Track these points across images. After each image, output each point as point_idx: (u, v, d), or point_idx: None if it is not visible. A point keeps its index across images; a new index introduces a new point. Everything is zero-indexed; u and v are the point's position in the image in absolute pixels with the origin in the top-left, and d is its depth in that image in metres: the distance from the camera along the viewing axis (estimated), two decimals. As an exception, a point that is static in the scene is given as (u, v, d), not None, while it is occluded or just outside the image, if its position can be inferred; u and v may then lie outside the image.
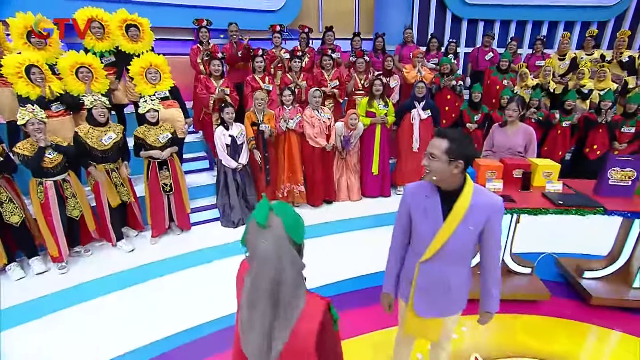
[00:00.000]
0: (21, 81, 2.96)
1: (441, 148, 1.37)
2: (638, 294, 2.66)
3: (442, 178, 1.41)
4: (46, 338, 2.42)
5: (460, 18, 6.81)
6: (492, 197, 1.45)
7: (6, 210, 2.67)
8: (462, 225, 1.42)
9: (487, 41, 5.33)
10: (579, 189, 2.69)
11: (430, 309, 1.60)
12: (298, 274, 0.94)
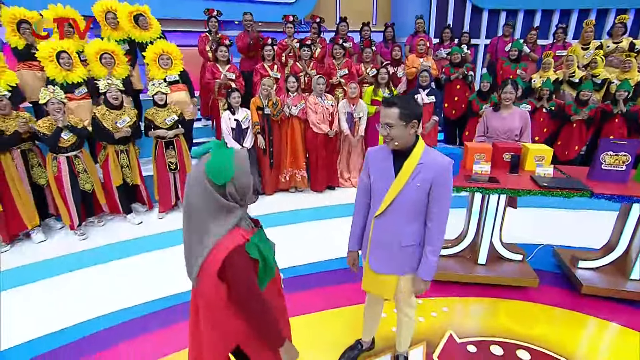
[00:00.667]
0: (52, 65, 3.32)
1: (394, 116, 1.48)
2: (635, 285, 2.59)
3: (403, 141, 1.52)
4: (59, 294, 2.74)
5: (481, 8, 6.67)
6: (440, 157, 1.55)
7: (35, 174, 3.04)
8: (410, 181, 1.53)
9: (507, 30, 5.22)
10: (574, 174, 2.66)
11: (384, 265, 1.70)
12: (213, 206, 1.08)
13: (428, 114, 4.26)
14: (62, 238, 3.26)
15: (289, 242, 3.41)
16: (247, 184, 1.14)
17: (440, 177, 1.52)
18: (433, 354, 2.16)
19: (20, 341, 2.26)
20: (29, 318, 2.47)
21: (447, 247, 2.93)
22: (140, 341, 2.26)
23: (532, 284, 2.68)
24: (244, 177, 1.12)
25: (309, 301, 2.60)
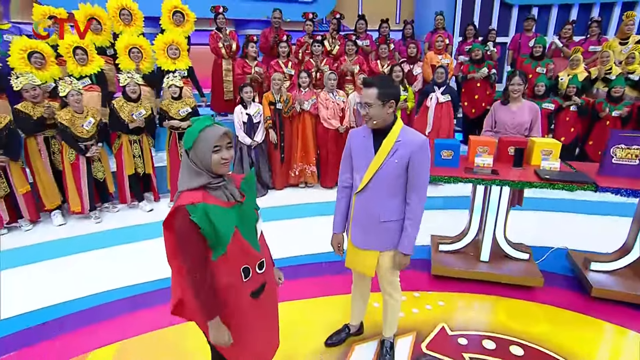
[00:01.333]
0: (69, 60, 3.75)
1: (373, 96, 1.64)
2: None
3: (381, 120, 1.67)
4: (72, 271, 3.08)
5: (510, 5, 6.65)
6: (417, 135, 1.69)
7: (56, 159, 3.44)
8: (389, 158, 1.68)
9: (529, 25, 5.20)
10: (584, 169, 2.66)
11: (364, 241, 1.84)
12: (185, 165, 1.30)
13: (442, 113, 4.30)
14: (78, 221, 3.62)
15: (294, 234, 3.60)
16: (203, 157, 1.27)
17: (417, 154, 1.66)
18: (422, 343, 2.25)
19: (30, 309, 2.58)
20: (43, 290, 2.80)
21: (449, 242, 3.00)
22: (141, 314, 2.51)
23: (536, 284, 2.69)
24: (202, 150, 1.26)
25: (306, 288, 2.77)
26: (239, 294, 1.41)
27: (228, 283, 1.37)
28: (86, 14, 4.23)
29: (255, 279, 1.44)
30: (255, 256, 1.42)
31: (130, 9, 4.42)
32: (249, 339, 1.49)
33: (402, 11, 7.58)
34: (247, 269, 1.40)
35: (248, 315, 1.46)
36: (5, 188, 3.27)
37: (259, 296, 1.46)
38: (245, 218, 1.38)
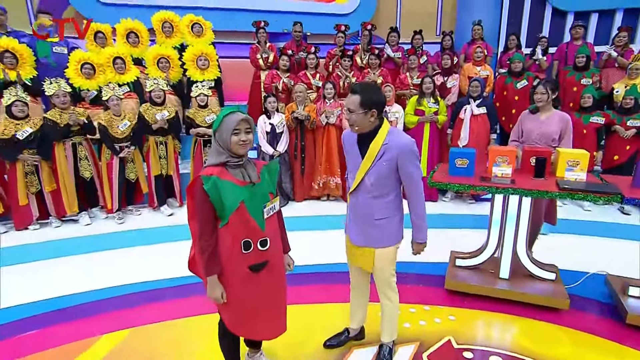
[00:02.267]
0: (108, 69, 4.42)
1: (356, 103, 1.88)
2: None
3: (362, 127, 1.94)
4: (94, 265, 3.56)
5: (564, 11, 6.70)
6: (403, 137, 1.93)
7: (82, 166, 4.02)
8: (377, 160, 1.93)
9: (577, 33, 5.24)
10: (616, 182, 2.72)
11: (360, 238, 2.09)
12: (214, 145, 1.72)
13: (478, 126, 4.45)
14: (103, 222, 4.16)
15: (306, 245, 3.86)
16: (225, 138, 1.66)
17: (404, 155, 1.90)
18: (424, 353, 2.39)
19: (53, 296, 3.05)
20: (66, 281, 3.29)
21: (467, 257, 3.11)
22: (151, 307, 2.89)
23: (561, 306, 2.73)
24: (224, 132, 1.66)
25: (315, 294, 3.01)
26: (238, 263, 1.75)
27: (228, 251, 1.73)
28: (126, 28, 4.97)
29: (256, 254, 1.77)
30: (258, 232, 1.76)
31: (172, 21, 5.13)
32: (249, 311, 1.83)
33: (442, 22, 7.88)
34: (248, 242, 1.74)
35: (246, 287, 1.79)
36: (37, 185, 3.88)
37: (258, 271, 1.79)
38: (255, 197, 1.74)
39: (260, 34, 5.53)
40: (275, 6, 7.17)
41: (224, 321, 1.86)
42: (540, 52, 5.32)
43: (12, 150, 3.64)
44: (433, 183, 2.86)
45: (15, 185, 3.73)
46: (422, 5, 7.85)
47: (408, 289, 3.05)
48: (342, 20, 7.36)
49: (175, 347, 2.46)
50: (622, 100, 4.41)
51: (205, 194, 1.62)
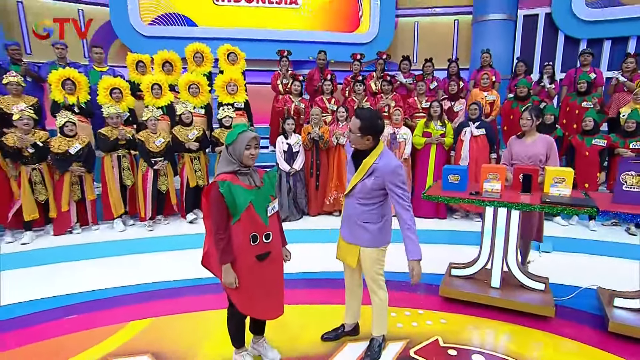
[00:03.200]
0: (148, 94, 5.02)
1: (356, 126, 2.24)
2: None
3: (359, 146, 2.30)
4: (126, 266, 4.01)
5: (577, 39, 6.90)
6: (392, 160, 2.24)
7: (124, 175, 4.55)
8: (366, 177, 2.27)
9: (585, 60, 5.44)
10: (599, 197, 2.91)
11: (348, 234, 2.41)
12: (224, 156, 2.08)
13: (478, 147, 4.70)
14: (135, 229, 4.65)
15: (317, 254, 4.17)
16: (238, 151, 2.05)
17: (389, 175, 2.20)
18: (411, 349, 2.62)
19: (88, 289, 3.50)
20: (99, 277, 3.74)
21: (462, 267, 3.33)
22: (172, 301, 3.27)
23: (547, 313, 2.89)
24: (238, 147, 2.05)
25: (322, 296, 3.30)
26: (247, 254, 2.13)
27: (239, 243, 2.10)
28: (162, 58, 5.62)
29: (262, 246, 2.15)
30: (263, 227, 2.15)
31: (202, 52, 5.75)
32: (255, 294, 2.19)
33: (459, 48, 8.23)
34: (255, 235, 2.12)
35: (253, 273, 2.16)
36: (79, 194, 4.43)
37: (263, 260, 2.17)
38: (260, 198, 2.13)
39: (283, 62, 6.05)
40: (300, 36, 7.78)
41: (236, 304, 2.19)
42: (547, 80, 5.55)
43: (65, 162, 4.21)
44: (427, 196, 3.15)
45: (60, 193, 4.28)
46: (438, 34, 8.28)
47: (406, 296, 3.31)
48: (362, 48, 7.89)
49: (189, 334, 2.81)
50: (624, 124, 4.56)
51: (221, 196, 1.99)
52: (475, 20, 7.56)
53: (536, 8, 7.16)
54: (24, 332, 2.86)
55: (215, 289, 3.19)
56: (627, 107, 4.92)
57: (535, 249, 4.31)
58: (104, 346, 2.68)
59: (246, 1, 7.57)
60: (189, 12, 7.48)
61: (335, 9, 8.02)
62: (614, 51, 6.74)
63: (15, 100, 4.37)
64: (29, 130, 4.05)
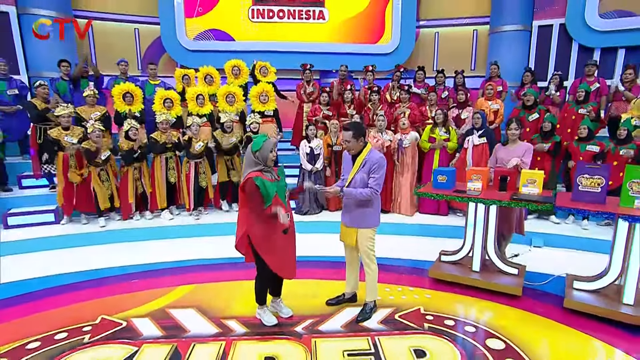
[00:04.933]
0: (192, 103, 5.93)
1: (349, 136, 2.97)
2: (629, 310, 3.10)
3: (355, 149, 3.01)
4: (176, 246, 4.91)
5: (590, 48, 7.19)
6: (376, 155, 2.96)
7: (170, 174, 5.47)
8: (361, 168, 2.98)
9: (590, 70, 5.81)
10: (563, 197, 3.45)
11: (348, 220, 3.12)
12: (250, 160, 2.82)
13: (479, 154, 5.24)
14: (181, 218, 5.57)
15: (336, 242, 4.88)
16: (264, 156, 2.81)
17: (374, 165, 2.93)
18: (397, 314, 3.29)
19: (148, 262, 4.40)
20: (155, 253, 4.65)
21: (450, 254, 3.94)
22: (210, 273, 4.11)
23: (515, 292, 3.47)
24: (264, 152, 2.81)
25: (333, 274, 4.00)
26: (276, 228, 2.88)
27: (272, 222, 2.86)
28: (204, 72, 6.52)
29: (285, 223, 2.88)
30: (285, 209, 2.87)
31: (239, 66, 6.63)
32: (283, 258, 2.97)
33: (478, 58, 8.67)
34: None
35: (282, 243, 2.93)
36: (140, 188, 5.38)
37: (286, 233, 2.93)
38: (279, 188, 2.89)
39: (306, 74, 6.82)
40: (326, 48, 8.54)
41: (270, 266, 2.92)
42: (553, 88, 5.96)
43: (129, 158, 5.18)
44: (418, 192, 3.80)
45: (126, 187, 5.26)
46: (457, 44, 8.75)
47: (401, 277, 3.98)
48: (385, 59, 8.54)
49: (223, 296, 3.61)
50: (617, 131, 4.94)
51: (255, 188, 2.74)
52: (492, 30, 8.01)
53: (551, 19, 7.51)
54: (103, 289, 3.78)
55: (243, 265, 3.99)
56: (627, 115, 5.28)
57: (528, 244, 4.83)
58: (159, 302, 3.53)
59: (279, 17, 8.42)
60: (228, 28, 8.43)
61: (359, 22, 8.70)
62: (628, 60, 6.98)
63: (90, 109, 5.42)
64: (99, 139, 5.00)
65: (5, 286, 3.83)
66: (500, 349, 2.82)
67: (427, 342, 2.90)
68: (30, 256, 4.57)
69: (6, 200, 5.34)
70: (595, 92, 5.85)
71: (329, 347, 2.84)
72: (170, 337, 2.97)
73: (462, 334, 3.01)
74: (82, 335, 2.99)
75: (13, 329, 3.08)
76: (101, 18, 8.04)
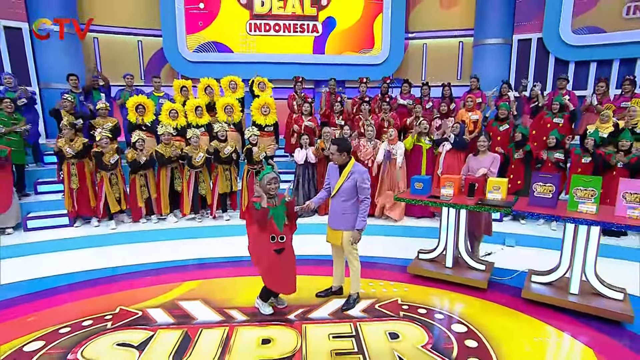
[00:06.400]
0: (191, 114, 6.44)
1: (335, 150, 3.50)
2: (574, 299, 3.63)
3: (339, 162, 3.53)
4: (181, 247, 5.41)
5: (566, 61, 7.76)
6: (361, 168, 3.49)
7: (175, 183, 5.97)
8: (346, 180, 3.49)
9: (561, 84, 6.37)
10: (524, 201, 3.98)
11: (335, 223, 3.63)
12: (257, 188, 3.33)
13: (452, 160, 5.79)
14: (185, 221, 6.08)
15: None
16: (264, 186, 3.30)
17: (360, 178, 3.45)
18: (377, 304, 3.81)
19: (156, 261, 4.90)
20: (161, 252, 5.15)
21: (427, 252, 4.47)
22: (216, 270, 4.62)
23: (480, 285, 4.00)
24: (263, 184, 3.31)
25: (322, 270, 4.52)
26: (269, 247, 3.38)
27: (264, 240, 3.36)
28: (204, 84, 7.04)
29: (277, 244, 3.39)
30: (278, 232, 3.37)
31: (236, 81, 7.14)
32: (275, 275, 3.45)
33: (463, 69, 9.23)
34: (273, 236, 3.37)
35: (273, 262, 3.41)
36: (147, 193, 5.89)
37: (279, 254, 3.41)
38: (276, 214, 3.36)
39: (298, 86, 7.34)
40: (320, 60, 9.09)
41: (265, 282, 3.47)
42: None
43: (137, 167, 5.68)
44: (397, 198, 4.33)
45: (135, 193, 5.78)
46: (444, 55, 9.32)
47: (383, 273, 4.49)
48: (375, 69, 9.09)
49: (227, 290, 4.12)
50: (585, 140, 5.48)
51: (256, 210, 3.25)
52: (475, 43, 8.57)
53: (529, 33, 8.08)
54: (119, 284, 4.28)
55: (242, 263, 4.55)
56: (593, 127, 5.82)
57: (502, 243, 5.37)
58: (169, 295, 4.03)
59: (275, 31, 8.96)
60: (226, 40, 8.96)
61: (351, 35, 9.24)
62: (599, 73, 7.55)
63: (103, 121, 5.94)
64: (107, 145, 5.50)
65: (35, 282, 4.33)
66: (462, 332, 3.34)
67: (401, 327, 3.43)
68: (50, 256, 5.07)
69: (26, 205, 5.83)
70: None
71: (317, 332, 3.35)
72: (180, 323, 3.47)
73: (432, 320, 3.53)
74: (105, 322, 3.49)
75: (46, 317, 3.58)
76: (107, 31, 8.56)
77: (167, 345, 3.16)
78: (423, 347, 3.14)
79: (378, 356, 3.01)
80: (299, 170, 6.39)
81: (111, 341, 3.21)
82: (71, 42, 7.76)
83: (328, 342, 3.20)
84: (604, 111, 5.76)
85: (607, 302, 3.50)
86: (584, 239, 3.57)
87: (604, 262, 4.04)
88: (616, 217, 3.44)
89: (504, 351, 3.07)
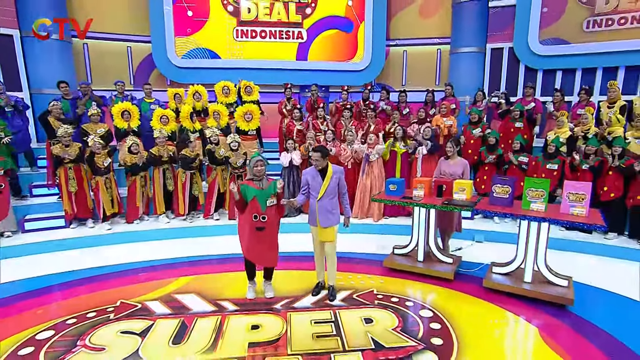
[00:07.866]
0: (187, 121, 6.82)
1: (319, 156, 3.95)
2: (528, 286, 4.15)
3: (322, 166, 3.98)
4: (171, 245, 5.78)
5: (534, 69, 8.37)
6: (339, 168, 3.99)
7: (168, 183, 6.34)
8: (331, 181, 3.95)
9: (527, 92, 6.96)
10: (486, 201, 4.49)
11: (326, 222, 4.04)
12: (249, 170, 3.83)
13: (428, 164, 6.30)
14: (177, 221, 6.45)
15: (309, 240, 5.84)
16: (252, 168, 3.79)
17: (341, 176, 3.94)
18: (354, 294, 4.27)
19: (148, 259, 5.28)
20: (155, 251, 5.52)
21: (402, 248, 4.95)
22: (204, 267, 5.02)
23: (447, 276, 4.50)
24: (250, 165, 3.81)
25: (307, 266, 4.97)
26: (250, 225, 3.84)
27: (247, 217, 3.83)
28: (193, 90, 7.41)
29: (259, 222, 3.84)
30: (260, 211, 3.83)
31: (229, 87, 7.54)
32: (252, 248, 3.91)
33: (441, 75, 9.78)
34: (255, 215, 3.82)
35: (254, 237, 3.88)
36: (146, 194, 6.25)
37: (260, 231, 3.86)
38: (261, 195, 3.82)
39: (287, 92, 7.78)
40: (305, 66, 9.52)
41: (242, 251, 3.94)
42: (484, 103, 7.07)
43: (134, 169, 6.04)
44: (374, 199, 4.80)
45: (134, 193, 6.16)
46: (423, 62, 9.84)
47: (362, 267, 4.96)
48: (357, 75, 9.57)
49: (219, 283, 4.53)
50: (547, 146, 6.04)
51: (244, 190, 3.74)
52: (452, 51, 9.12)
53: (501, 42, 8.68)
54: (118, 280, 4.65)
55: (231, 260, 4.95)
56: (552, 133, 6.39)
57: (471, 239, 5.90)
58: (166, 289, 4.42)
59: (261, 37, 9.35)
60: (214, 47, 9.31)
61: (334, 42, 9.69)
62: (564, 81, 8.18)
63: (95, 126, 6.26)
64: (100, 151, 5.85)
65: (36, 280, 4.67)
66: (429, 317, 3.83)
67: (375, 313, 3.90)
68: (49, 255, 5.40)
69: (23, 207, 6.12)
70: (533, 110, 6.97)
71: (301, 318, 3.80)
72: (177, 314, 3.88)
73: (403, 307, 4.01)
74: (108, 314, 3.87)
75: (53, 310, 3.95)
76: (96, 37, 8.82)
77: (166, 332, 3.56)
78: (394, 329, 3.61)
79: (353, 338, 3.47)
80: (284, 172, 6.82)
81: (115, 329, 3.60)
82: (62, 48, 8.03)
83: (310, 327, 3.65)
84: (559, 117, 6.33)
85: (554, 289, 4.03)
86: (535, 234, 4.09)
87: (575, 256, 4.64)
88: (561, 214, 3.98)
89: (463, 331, 3.57)
